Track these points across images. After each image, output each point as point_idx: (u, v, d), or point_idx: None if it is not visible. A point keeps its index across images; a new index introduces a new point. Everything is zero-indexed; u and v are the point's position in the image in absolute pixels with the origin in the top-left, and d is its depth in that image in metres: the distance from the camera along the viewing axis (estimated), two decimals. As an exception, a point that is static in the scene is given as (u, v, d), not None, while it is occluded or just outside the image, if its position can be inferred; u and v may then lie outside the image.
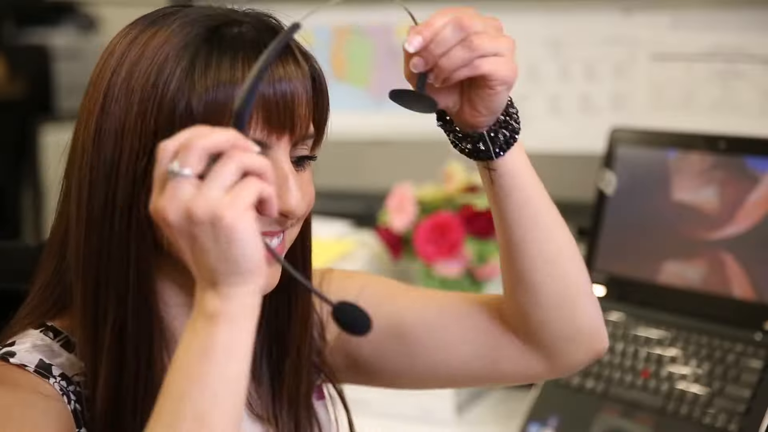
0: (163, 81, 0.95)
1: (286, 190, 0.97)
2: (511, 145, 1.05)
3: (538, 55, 2.05)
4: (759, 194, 1.54)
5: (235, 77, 0.95)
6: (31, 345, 1.00)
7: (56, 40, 4.19)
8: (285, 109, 0.96)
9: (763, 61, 1.88)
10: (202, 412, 0.83)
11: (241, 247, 0.83)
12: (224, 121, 0.93)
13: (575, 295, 1.11)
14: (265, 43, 0.94)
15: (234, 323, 0.85)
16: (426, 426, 1.82)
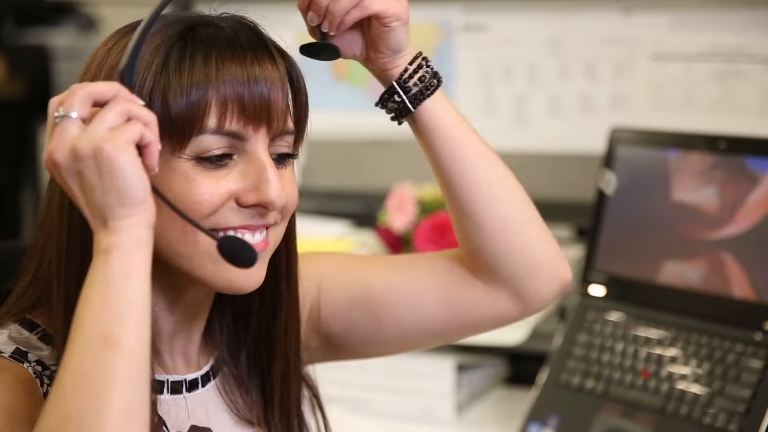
0: (140, 80, 0.96)
1: (265, 181, 0.98)
2: (425, 94, 1.11)
3: (538, 55, 2.05)
4: (759, 194, 1.54)
5: (209, 75, 0.96)
6: (7, 336, 1.00)
7: (56, 40, 4.18)
8: (261, 103, 0.97)
9: (763, 61, 1.88)
10: (108, 333, 0.87)
11: (123, 177, 0.87)
12: (200, 120, 0.95)
13: (521, 222, 1.15)
14: (241, 41, 0.97)
15: (127, 252, 0.88)
16: (426, 426, 1.82)
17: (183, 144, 0.96)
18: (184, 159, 0.97)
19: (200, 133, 0.96)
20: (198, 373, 1.09)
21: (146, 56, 0.97)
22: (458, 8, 2.10)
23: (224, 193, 0.97)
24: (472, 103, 2.10)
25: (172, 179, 0.97)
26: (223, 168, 0.98)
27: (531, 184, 2.25)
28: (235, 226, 0.99)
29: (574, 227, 2.13)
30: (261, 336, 1.11)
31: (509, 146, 2.09)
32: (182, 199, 0.96)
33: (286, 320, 1.10)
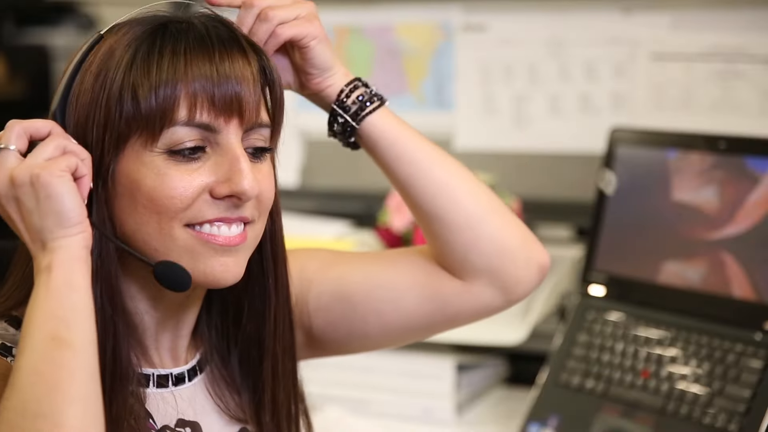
0: (111, 77, 0.98)
1: (237, 172, 0.98)
2: (366, 110, 1.14)
3: (538, 55, 2.05)
4: (759, 194, 1.54)
5: (178, 71, 0.97)
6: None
7: (56, 40, 4.18)
8: (231, 98, 0.98)
9: (763, 61, 1.88)
10: (56, 335, 0.92)
11: (60, 201, 0.92)
12: (170, 112, 0.96)
13: (483, 213, 1.16)
14: (211, 37, 0.98)
15: (68, 266, 0.93)
16: (426, 426, 1.82)
17: (155, 137, 0.97)
18: (157, 153, 0.97)
19: (171, 125, 0.97)
20: (184, 367, 1.09)
21: (117, 52, 0.98)
22: (458, 8, 2.10)
23: (197, 186, 0.98)
24: (472, 103, 2.10)
25: (145, 174, 0.97)
26: (196, 161, 0.98)
27: (531, 184, 2.27)
28: (210, 219, 0.99)
29: (574, 227, 2.13)
30: (252, 337, 1.11)
31: (509, 146, 2.10)
32: (155, 194, 0.97)
33: (275, 320, 1.10)
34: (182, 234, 0.98)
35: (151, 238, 0.99)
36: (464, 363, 1.88)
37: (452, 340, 1.85)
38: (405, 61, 2.14)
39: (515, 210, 1.93)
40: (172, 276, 0.98)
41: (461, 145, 2.11)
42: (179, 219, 0.98)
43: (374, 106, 1.15)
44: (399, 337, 1.23)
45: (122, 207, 0.99)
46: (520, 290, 1.18)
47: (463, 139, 2.11)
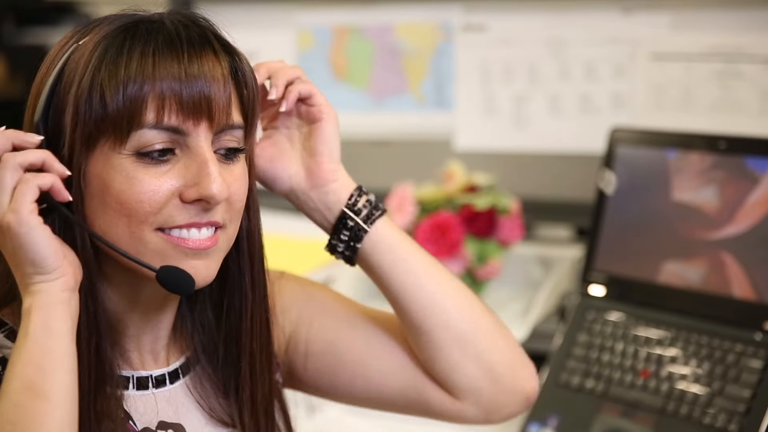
0: (79, 76, 0.97)
1: (206, 175, 0.97)
2: (376, 214, 1.14)
3: (538, 55, 2.05)
4: (759, 194, 1.54)
5: (145, 72, 0.96)
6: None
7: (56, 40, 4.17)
8: (200, 99, 0.97)
9: (763, 61, 1.88)
10: (32, 383, 0.92)
11: (31, 251, 0.93)
12: (138, 114, 0.95)
13: (474, 332, 1.16)
14: (181, 37, 0.97)
15: (47, 310, 0.94)
16: (426, 426, 1.82)
17: (123, 139, 0.96)
18: (125, 155, 0.97)
19: (139, 128, 0.96)
20: (165, 369, 1.09)
21: (86, 54, 0.98)
22: (458, 8, 2.10)
23: (166, 190, 0.97)
24: (472, 103, 2.10)
25: (114, 177, 0.97)
26: (165, 164, 0.97)
27: (531, 185, 2.27)
28: (180, 225, 0.98)
29: (574, 227, 2.13)
30: (231, 335, 1.10)
31: (509, 146, 2.10)
32: (124, 198, 0.97)
33: (251, 318, 1.09)
34: (153, 237, 0.98)
35: (122, 241, 0.98)
36: (464, 363, 1.88)
37: (452, 340, 1.85)
38: (405, 61, 2.14)
39: (515, 210, 1.93)
40: (174, 280, 0.98)
41: (461, 145, 2.11)
42: (150, 223, 0.97)
43: (381, 211, 1.15)
44: (381, 406, 1.24)
45: (93, 208, 0.98)
46: (503, 415, 1.19)
47: (463, 139, 2.12)
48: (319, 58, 2.19)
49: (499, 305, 1.96)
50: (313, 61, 2.19)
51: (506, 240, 1.92)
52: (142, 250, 0.98)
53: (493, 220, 1.90)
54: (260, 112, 1.10)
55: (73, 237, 0.98)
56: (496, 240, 1.91)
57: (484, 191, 1.95)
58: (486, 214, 1.89)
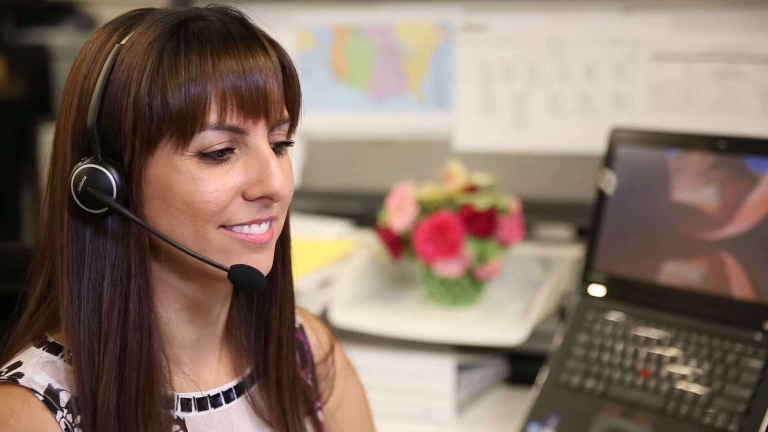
0: (136, 79, 0.97)
1: (269, 174, 0.99)
2: None
3: (538, 55, 2.05)
4: (759, 194, 1.54)
5: (206, 71, 0.96)
6: (37, 364, 1.01)
7: (56, 40, 4.18)
8: (258, 97, 0.98)
9: (763, 61, 1.88)
10: None
11: None
12: (201, 115, 0.96)
13: None
14: (233, 34, 0.98)
15: None
16: (426, 426, 1.82)
17: (186, 142, 0.97)
18: (188, 156, 0.98)
19: (202, 130, 0.97)
20: (221, 388, 1.10)
21: (139, 55, 0.97)
22: (458, 8, 2.10)
23: (230, 189, 0.99)
24: (472, 103, 2.10)
25: (178, 178, 0.98)
26: (226, 163, 0.99)
27: (531, 184, 2.27)
28: (243, 222, 1.00)
29: (574, 227, 2.12)
30: (259, 321, 1.12)
31: (509, 146, 2.10)
32: (190, 198, 0.98)
33: (281, 303, 1.11)
34: (217, 235, 0.99)
35: (186, 239, 0.99)
36: (464, 363, 1.88)
37: (452, 340, 1.85)
38: (405, 61, 2.14)
39: (515, 210, 1.93)
40: (245, 278, 1.00)
41: (461, 145, 2.11)
42: (214, 222, 0.99)
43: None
44: None
45: (154, 209, 0.99)
46: None
47: (463, 139, 2.11)
48: (319, 58, 2.19)
49: (499, 305, 1.96)
50: (313, 61, 2.18)
51: (506, 240, 1.92)
52: (206, 246, 0.99)
53: (493, 220, 1.90)
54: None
55: (127, 244, 0.99)
56: (496, 240, 1.91)
57: (484, 191, 1.95)
58: (486, 214, 1.89)
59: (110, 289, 0.99)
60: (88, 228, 0.99)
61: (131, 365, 0.98)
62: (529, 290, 1.97)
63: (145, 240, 0.99)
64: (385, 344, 1.86)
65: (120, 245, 0.99)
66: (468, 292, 1.94)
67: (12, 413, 0.96)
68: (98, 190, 0.97)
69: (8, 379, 0.98)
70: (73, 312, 0.99)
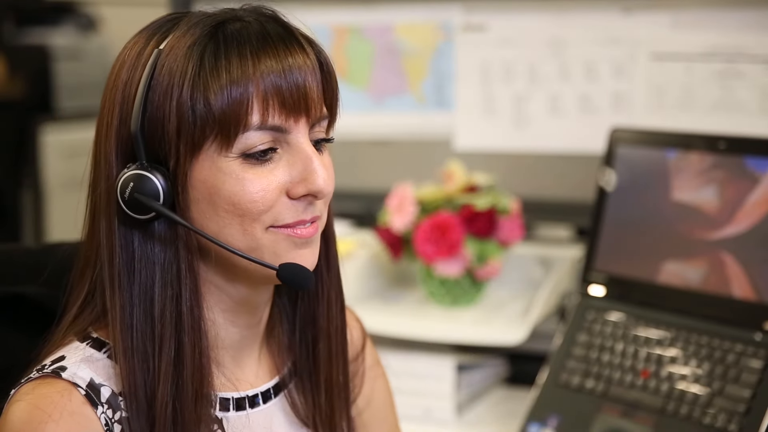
0: (178, 83, 0.97)
1: (312, 171, 1.00)
2: None
3: (538, 55, 2.05)
4: (759, 194, 1.54)
5: (247, 72, 0.97)
6: (80, 359, 1.01)
7: (56, 40, 4.18)
8: (298, 95, 0.99)
9: (763, 61, 1.88)
10: None
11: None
12: (243, 116, 0.97)
13: None
14: (270, 34, 0.98)
15: None
16: (426, 426, 1.82)
17: (230, 143, 0.98)
18: (232, 158, 0.99)
19: (245, 131, 0.98)
20: (259, 388, 1.11)
21: (179, 59, 0.98)
22: (458, 8, 2.10)
23: (275, 188, 1.00)
24: (472, 103, 2.10)
25: (224, 179, 0.99)
26: (270, 162, 1.00)
27: (531, 184, 2.26)
28: (289, 223, 1.01)
29: (574, 227, 2.12)
30: (306, 318, 1.13)
31: (509, 146, 2.10)
32: (236, 199, 0.99)
33: (328, 301, 1.12)
34: (265, 234, 1.00)
35: (234, 240, 1.00)
36: (464, 363, 1.88)
37: (452, 340, 1.85)
38: (405, 61, 2.14)
39: (515, 210, 1.93)
40: (294, 276, 1.01)
41: (461, 145, 2.11)
42: (261, 222, 1.00)
43: None
44: None
45: (201, 212, 1.00)
46: None
47: (463, 139, 2.12)
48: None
49: (499, 305, 1.96)
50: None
51: (506, 240, 1.92)
52: (254, 247, 1.00)
53: (493, 220, 1.90)
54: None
55: (176, 248, 1.00)
56: (496, 240, 1.91)
57: (484, 191, 1.95)
58: (486, 214, 1.89)
59: (161, 293, 1.00)
60: (136, 234, 1.00)
61: (186, 367, 1.00)
62: (529, 290, 1.97)
63: (193, 243, 1.01)
64: (385, 344, 1.86)
65: (169, 249, 1.00)
66: (468, 292, 1.94)
67: (54, 406, 0.97)
68: (145, 196, 0.98)
69: (51, 372, 0.99)
70: (125, 317, 1.00)
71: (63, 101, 4.13)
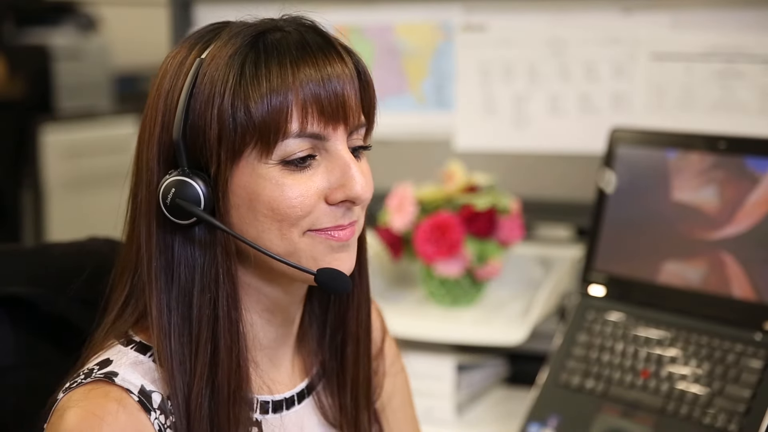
0: (219, 92, 0.99)
1: (350, 177, 1.02)
2: None
3: (538, 55, 2.05)
4: (759, 194, 1.54)
5: (287, 81, 0.99)
6: (128, 363, 1.02)
7: (56, 40, 4.19)
8: (337, 103, 1.01)
9: (762, 61, 1.88)
10: None
11: None
12: (283, 124, 0.98)
13: None
14: (309, 43, 1.00)
15: None
16: (426, 426, 1.82)
17: (269, 150, 1.00)
18: (272, 164, 1.00)
19: (285, 138, 0.99)
20: (293, 390, 1.13)
21: (221, 68, 1.00)
22: (458, 8, 2.10)
23: (314, 193, 1.01)
24: (472, 103, 2.10)
25: (264, 186, 1.00)
26: (308, 169, 1.01)
27: (531, 184, 2.26)
28: (328, 227, 1.03)
29: (574, 227, 2.12)
30: (338, 324, 1.15)
31: (509, 146, 2.10)
32: (275, 204, 1.00)
33: (358, 304, 1.14)
34: (303, 238, 1.02)
35: (273, 245, 1.02)
36: (464, 363, 1.88)
37: (452, 340, 1.85)
38: (405, 61, 2.14)
39: (515, 210, 1.93)
40: (331, 281, 1.02)
41: (461, 145, 2.11)
42: (300, 226, 1.01)
43: None
44: None
45: (240, 217, 1.02)
46: None
47: (463, 139, 2.12)
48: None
49: (499, 305, 1.96)
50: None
51: (506, 240, 1.92)
52: (292, 251, 1.02)
53: (493, 220, 1.90)
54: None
55: (215, 252, 1.01)
56: (496, 240, 1.91)
57: (484, 191, 1.95)
58: (486, 214, 1.89)
59: (200, 297, 1.01)
60: (177, 238, 1.02)
61: (222, 370, 1.01)
62: (529, 290, 1.97)
63: (231, 247, 1.02)
64: (385, 344, 1.86)
65: (208, 253, 1.02)
66: (468, 292, 1.94)
67: (108, 413, 0.98)
68: (187, 202, 1.00)
69: (104, 377, 1.00)
70: (164, 321, 1.01)
71: (63, 101, 4.13)
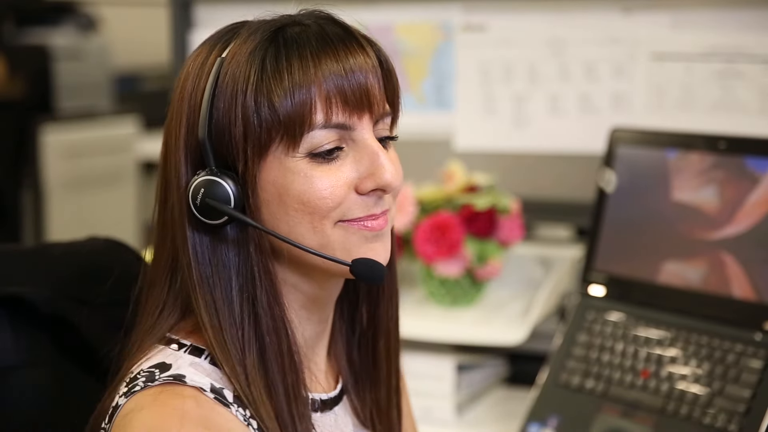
0: (242, 89, 0.99)
1: (379, 166, 1.01)
2: None
3: (538, 55, 2.04)
4: (759, 194, 1.54)
5: (309, 74, 0.99)
6: (189, 366, 1.01)
7: (56, 40, 4.19)
8: (360, 93, 1.00)
9: (762, 61, 1.88)
10: None
11: None
12: (308, 116, 0.98)
13: None
14: (330, 36, 1.01)
15: None
16: (426, 426, 1.82)
17: (296, 143, 0.99)
18: (299, 157, 1.00)
19: (310, 130, 0.99)
20: (335, 390, 1.14)
21: (242, 65, 1.00)
22: (458, 8, 2.10)
23: (343, 184, 1.01)
24: (472, 103, 2.10)
25: (293, 179, 1.00)
26: (336, 160, 1.01)
27: (531, 184, 2.26)
28: (360, 217, 1.02)
29: (574, 227, 2.12)
30: (370, 319, 1.14)
31: (509, 146, 2.09)
32: (306, 197, 1.00)
33: (389, 297, 1.14)
34: (335, 230, 1.02)
35: (305, 238, 1.01)
36: (464, 363, 1.88)
37: (452, 340, 1.85)
38: (405, 61, 2.14)
39: (515, 210, 1.93)
40: (367, 271, 1.02)
41: (461, 145, 2.11)
42: (331, 218, 1.01)
43: None
44: None
45: (271, 213, 1.01)
46: None
47: (463, 139, 2.11)
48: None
49: (499, 305, 1.96)
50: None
51: (506, 240, 1.92)
52: (325, 243, 1.01)
53: (493, 220, 1.90)
54: None
55: (248, 250, 1.01)
56: (496, 240, 1.91)
57: (484, 191, 1.95)
58: (486, 214, 1.89)
59: (239, 296, 1.01)
60: (209, 239, 1.01)
61: (273, 368, 1.01)
62: (529, 290, 1.97)
63: (265, 244, 1.02)
64: (385, 344, 1.86)
65: (242, 252, 1.01)
66: (468, 292, 1.94)
67: (187, 411, 0.96)
68: (217, 201, 0.99)
69: (173, 379, 0.99)
70: (213, 323, 1.01)
71: (63, 101, 4.13)
